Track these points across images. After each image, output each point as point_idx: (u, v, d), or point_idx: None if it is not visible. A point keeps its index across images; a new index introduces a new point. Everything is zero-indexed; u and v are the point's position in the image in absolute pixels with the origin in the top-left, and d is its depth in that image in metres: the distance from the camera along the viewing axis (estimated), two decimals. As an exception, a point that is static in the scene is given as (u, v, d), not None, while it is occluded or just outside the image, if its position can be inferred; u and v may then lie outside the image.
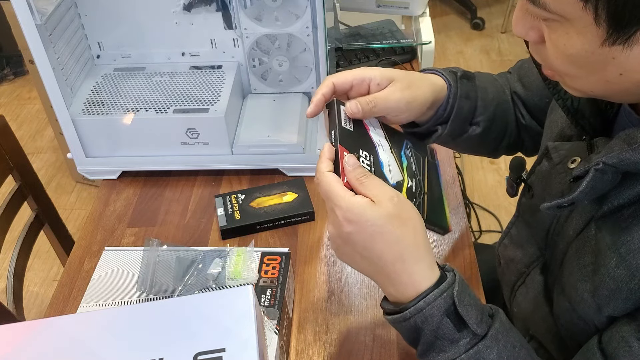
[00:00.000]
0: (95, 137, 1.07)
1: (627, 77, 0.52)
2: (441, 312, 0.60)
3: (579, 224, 0.64)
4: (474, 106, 0.83)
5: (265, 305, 0.79)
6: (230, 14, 1.07)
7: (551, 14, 0.51)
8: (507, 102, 0.89)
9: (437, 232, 0.74)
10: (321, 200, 1.04)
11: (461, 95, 0.79)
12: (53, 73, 0.97)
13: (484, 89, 0.84)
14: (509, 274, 0.81)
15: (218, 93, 1.07)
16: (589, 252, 0.62)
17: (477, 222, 1.99)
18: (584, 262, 0.62)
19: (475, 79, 0.83)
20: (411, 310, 0.60)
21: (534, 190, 0.75)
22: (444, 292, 0.60)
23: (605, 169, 0.55)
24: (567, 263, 0.66)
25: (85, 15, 1.09)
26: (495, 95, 0.86)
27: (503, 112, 0.87)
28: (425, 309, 0.60)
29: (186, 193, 1.08)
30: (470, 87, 0.81)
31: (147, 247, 0.90)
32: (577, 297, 0.63)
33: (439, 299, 0.60)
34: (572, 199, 0.57)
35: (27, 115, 2.68)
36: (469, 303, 0.60)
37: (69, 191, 2.29)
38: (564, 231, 0.68)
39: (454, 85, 0.79)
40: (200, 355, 0.59)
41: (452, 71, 0.82)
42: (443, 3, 3.26)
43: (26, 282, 1.49)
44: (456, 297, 0.59)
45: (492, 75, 0.91)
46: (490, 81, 0.88)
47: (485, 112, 0.84)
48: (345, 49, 1.35)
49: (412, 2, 1.26)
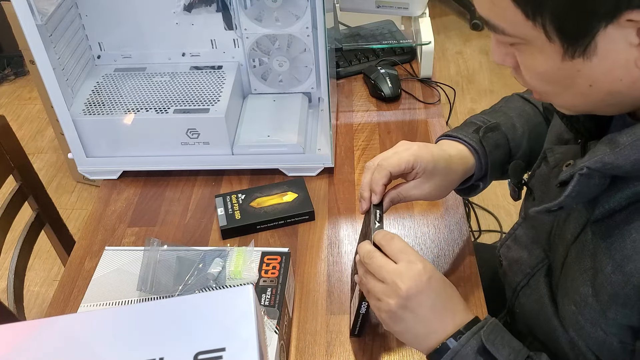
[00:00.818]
0: (95, 137, 1.07)
1: (598, 88, 0.54)
2: (474, 351, 0.64)
3: (576, 228, 0.65)
4: (507, 150, 0.86)
5: (266, 304, 0.79)
6: (231, 15, 1.07)
7: (513, 37, 0.54)
8: (541, 123, 0.90)
9: None
10: (321, 200, 1.04)
11: (490, 151, 0.83)
12: (54, 73, 0.98)
13: (511, 127, 0.87)
14: (512, 275, 0.81)
15: (218, 93, 1.07)
16: (587, 256, 0.62)
17: (476, 222, 2.00)
18: (585, 267, 0.63)
19: (499, 126, 0.85)
20: (449, 354, 0.65)
21: (535, 194, 0.75)
22: (475, 333, 0.65)
23: (591, 174, 0.55)
24: (569, 267, 0.67)
25: (86, 15, 1.09)
26: (525, 127, 0.87)
27: (539, 134, 0.88)
28: (460, 350, 0.65)
29: (186, 193, 1.08)
30: (497, 136, 0.84)
31: (147, 247, 0.90)
32: (581, 302, 0.63)
33: (471, 339, 0.64)
34: (559, 203, 0.58)
35: (28, 115, 2.68)
36: (500, 342, 0.64)
37: (70, 191, 2.29)
38: (563, 234, 0.68)
39: (479, 149, 0.82)
40: (201, 355, 0.59)
41: (475, 130, 0.84)
42: (442, 3, 3.26)
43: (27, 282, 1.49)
44: (484, 337, 0.64)
45: (519, 102, 0.92)
46: (517, 113, 0.89)
47: (520, 148, 0.87)
48: (345, 49, 1.36)
49: (411, 2, 1.26)
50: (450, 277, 0.89)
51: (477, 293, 0.87)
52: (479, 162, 0.83)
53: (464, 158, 0.82)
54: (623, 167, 0.54)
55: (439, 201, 1.01)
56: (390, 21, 1.43)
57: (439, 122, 1.20)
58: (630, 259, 0.56)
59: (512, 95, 0.96)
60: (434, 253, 0.93)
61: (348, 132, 1.18)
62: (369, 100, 1.27)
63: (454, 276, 0.90)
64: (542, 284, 0.75)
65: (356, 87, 1.31)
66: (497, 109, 0.91)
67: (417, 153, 0.78)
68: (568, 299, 0.66)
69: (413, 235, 0.97)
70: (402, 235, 0.97)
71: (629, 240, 0.56)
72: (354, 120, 1.21)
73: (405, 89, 1.28)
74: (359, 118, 1.22)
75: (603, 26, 0.48)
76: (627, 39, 0.49)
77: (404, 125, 1.19)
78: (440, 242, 0.95)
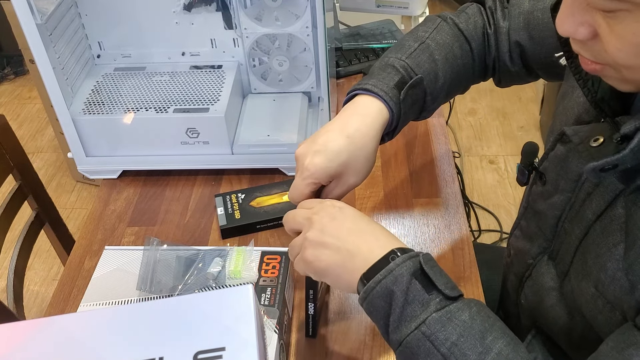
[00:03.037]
0: (95, 136, 1.07)
1: None
2: (410, 273, 0.61)
3: (600, 204, 0.63)
4: (422, 104, 0.81)
5: (265, 304, 0.79)
6: (231, 14, 1.07)
7: (621, 2, 0.49)
8: (466, 64, 0.84)
9: None
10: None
11: (406, 111, 0.78)
12: (53, 72, 0.98)
13: (434, 78, 0.80)
14: (517, 266, 0.81)
15: (218, 93, 1.07)
16: (617, 231, 0.61)
17: (476, 222, 2.00)
18: (613, 242, 0.61)
19: (422, 82, 0.79)
20: (382, 272, 0.61)
21: (547, 177, 0.73)
22: (412, 257, 0.62)
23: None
24: (589, 247, 0.65)
25: (86, 15, 1.09)
26: (447, 76, 0.82)
27: (458, 76, 0.84)
28: (395, 269, 0.61)
29: (186, 192, 1.08)
30: (416, 93, 0.79)
31: (147, 246, 0.90)
32: (606, 279, 0.62)
33: (407, 261, 0.62)
34: (620, 158, 0.55)
35: (28, 114, 2.68)
36: (438, 271, 0.62)
37: (69, 190, 2.29)
38: (580, 216, 0.67)
39: (396, 111, 0.76)
40: (201, 354, 0.59)
41: (396, 84, 0.76)
42: (442, 3, 3.26)
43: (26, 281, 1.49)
44: (422, 259, 0.62)
45: (448, 35, 0.84)
46: (443, 55, 0.82)
47: (435, 101, 0.82)
48: (345, 48, 1.36)
49: (411, 2, 1.26)
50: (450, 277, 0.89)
51: (477, 293, 0.87)
52: (391, 122, 0.77)
53: (382, 119, 0.75)
54: None
55: (439, 201, 1.02)
56: (390, 21, 1.43)
57: (438, 121, 1.20)
58: None
59: (442, 20, 0.86)
60: (434, 253, 0.93)
61: (348, 132, 1.18)
62: (369, 99, 1.27)
63: (454, 276, 0.90)
64: (543, 274, 0.75)
65: (356, 87, 1.31)
66: (423, 42, 0.82)
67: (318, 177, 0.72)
68: (587, 282, 0.65)
69: (413, 235, 0.97)
70: (402, 235, 0.97)
71: None
72: (354, 119, 1.21)
73: (405, 88, 1.28)
74: (358, 118, 1.22)
75: None
76: None
77: (404, 125, 1.19)
78: (440, 242, 0.95)
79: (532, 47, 0.83)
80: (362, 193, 1.05)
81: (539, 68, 0.86)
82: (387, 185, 1.05)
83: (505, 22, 0.85)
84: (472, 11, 0.87)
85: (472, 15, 0.86)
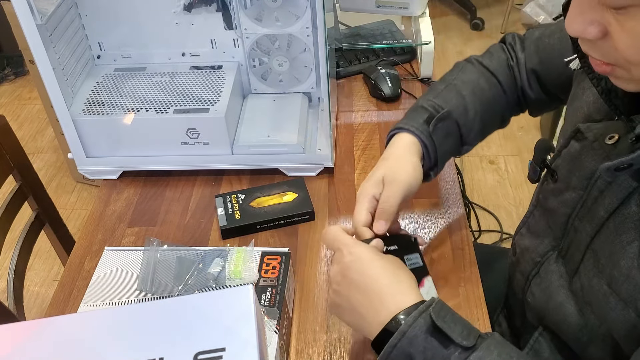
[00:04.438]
0: (95, 137, 1.07)
1: None
2: (423, 332, 0.61)
3: (613, 202, 0.63)
4: (458, 136, 0.87)
5: (266, 304, 0.79)
6: (231, 14, 1.07)
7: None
8: (495, 95, 0.90)
9: None
10: (321, 200, 1.04)
11: (440, 143, 0.84)
12: (53, 73, 0.98)
13: (464, 111, 0.87)
14: (523, 263, 0.81)
15: (218, 93, 1.07)
16: (631, 229, 0.61)
17: (476, 222, 2.00)
18: (627, 239, 0.61)
19: (451, 114, 0.85)
20: (396, 335, 0.61)
21: (559, 174, 0.74)
22: (422, 312, 0.62)
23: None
24: (602, 245, 0.65)
25: (86, 15, 1.09)
26: (478, 107, 0.88)
27: (492, 108, 0.89)
28: (408, 331, 0.61)
29: (186, 193, 1.08)
30: (447, 125, 0.85)
31: (147, 246, 0.90)
32: (620, 277, 0.62)
33: (419, 319, 0.61)
34: (635, 157, 0.56)
35: (28, 115, 2.68)
36: (451, 320, 0.61)
37: (70, 191, 2.29)
38: (592, 214, 0.67)
39: (429, 144, 0.83)
40: (201, 355, 0.59)
41: (425, 120, 0.84)
42: (443, 3, 3.26)
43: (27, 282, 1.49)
44: (433, 314, 0.61)
45: (473, 74, 0.91)
46: (470, 90, 0.89)
47: (472, 131, 0.87)
48: (345, 49, 1.36)
49: (411, 2, 1.26)
50: (450, 277, 0.89)
51: (477, 293, 0.87)
52: (427, 155, 0.84)
53: (415, 148, 0.83)
54: None
55: (439, 201, 1.02)
56: (390, 21, 1.43)
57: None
58: None
59: (467, 62, 0.94)
60: (434, 253, 0.93)
61: (348, 132, 1.18)
62: (369, 100, 1.27)
63: (454, 276, 0.90)
64: (551, 272, 0.75)
65: (356, 87, 1.31)
66: (450, 83, 0.90)
67: (369, 188, 0.80)
68: (599, 279, 0.65)
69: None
70: (402, 235, 0.97)
71: None
72: (354, 120, 1.21)
73: (406, 89, 1.28)
74: (359, 118, 1.22)
75: None
76: None
77: (404, 125, 1.19)
78: (440, 242, 0.95)
79: (544, 71, 0.88)
80: (362, 193, 1.05)
81: (558, 91, 0.89)
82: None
83: (522, 54, 0.91)
84: (494, 49, 0.95)
85: (495, 52, 0.93)
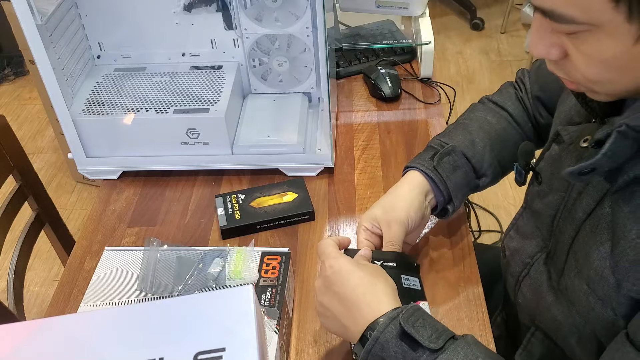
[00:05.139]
0: (95, 137, 1.07)
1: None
2: (394, 337, 0.64)
3: (590, 204, 0.65)
4: (470, 168, 0.88)
5: (266, 304, 0.79)
6: (231, 15, 1.07)
7: (580, 25, 0.52)
8: (506, 127, 0.93)
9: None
10: (321, 200, 1.04)
11: (447, 175, 0.86)
12: (53, 73, 0.98)
13: (470, 144, 0.89)
14: (514, 265, 0.82)
15: (218, 93, 1.07)
16: (604, 229, 0.62)
17: (476, 222, 1.99)
18: (601, 239, 0.63)
19: (455, 149, 0.88)
20: (370, 342, 0.65)
21: (543, 176, 0.76)
22: (393, 319, 0.65)
23: (627, 132, 0.55)
24: (581, 246, 0.66)
25: (86, 15, 1.09)
26: (485, 140, 0.90)
27: (504, 141, 0.91)
28: (380, 336, 0.65)
29: (186, 193, 1.08)
30: (454, 159, 0.87)
31: (147, 247, 0.90)
32: (595, 277, 0.63)
33: (390, 325, 0.65)
34: (594, 162, 0.57)
35: (28, 115, 2.68)
36: (421, 325, 0.64)
37: (70, 191, 2.29)
38: (572, 215, 0.68)
39: (435, 177, 0.86)
40: (201, 355, 0.59)
41: (431, 156, 0.87)
42: (443, 3, 3.26)
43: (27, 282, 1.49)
44: (402, 320, 0.64)
45: (481, 111, 0.95)
46: (477, 126, 0.92)
47: (484, 162, 0.89)
48: (345, 49, 1.36)
49: (411, 2, 1.26)
50: (450, 277, 0.89)
51: (477, 293, 0.87)
52: (437, 188, 0.86)
53: (422, 184, 0.86)
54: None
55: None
56: (390, 21, 1.43)
57: (439, 122, 1.20)
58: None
59: (478, 103, 0.99)
60: (434, 253, 0.93)
61: (348, 132, 1.18)
62: (369, 100, 1.27)
63: (454, 276, 0.90)
64: (540, 273, 0.76)
65: (356, 87, 1.31)
66: (459, 123, 0.94)
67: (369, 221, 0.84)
68: (580, 279, 0.66)
69: (413, 235, 0.97)
70: (402, 235, 0.97)
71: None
72: (354, 120, 1.21)
73: (406, 89, 1.28)
74: (359, 118, 1.22)
75: None
76: None
77: (404, 125, 1.19)
78: (440, 242, 0.95)
79: (546, 96, 0.91)
80: (362, 193, 1.05)
81: None
82: (387, 185, 1.05)
83: (528, 85, 0.94)
84: (505, 86, 0.99)
85: (504, 89, 0.97)
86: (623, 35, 0.51)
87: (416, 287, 0.79)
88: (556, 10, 0.52)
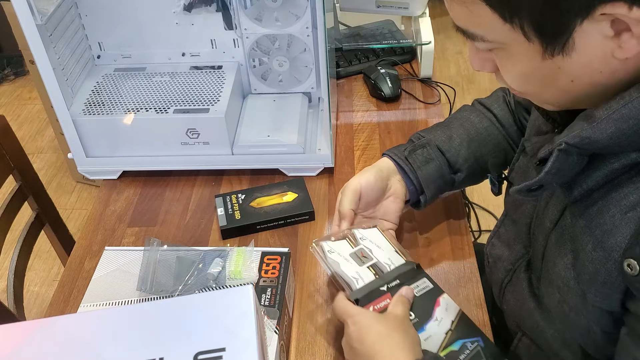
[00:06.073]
0: (95, 137, 1.07)
1: (579, 82, 0.55)
2: None
3: (554, 214, 0.66)
4: (444, 162, 0.89)
5: (266, 304, 0.79)
6: (231, 15, 1.07)
7: (491, 43, 0.55)
8: (488, 127, 0.93)
9: None
10: (321, 200, 1.04)
11: (419, 166, 0.88)
12: (53, 73, 0.98)
13: (447, 139, 0.91)
14: (497, 272, 0.83)
15: (218, 93, 1.07)
16: (567, 240, 0.63)
17: (476, 222, 1.99)
18: (565, 250, 0.64)
19: (430, 142, 0.90)
20: None
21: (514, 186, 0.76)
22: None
23: (569, 149, 0.56)
24: (549, 255, 0.67)
25: (86, 15, 1.09)
26: (463, 136, 0.91)
27: (484, 140, 0.92)
28: None
29: (186, 193, 1.08)
30: (427, 152, 0.89)
31: (147, 247, 0.90)
32: (564, 287, 0.64)
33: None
34: (538, 180, 0.59)
35: (28, 115, 2.68)
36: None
37: (70, 191, 2.29)
38: (542, 223, 0.69)
39: (404, 164, 0.88)
40: (201, 355, 0.59)
41: (406, 147, 0.90)
42: (442, 3, 3.25)
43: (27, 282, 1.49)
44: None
45: (466, 111, 0.96)
46: (459, 124, 0.93)
47: (459, 157, 0.90)
48: (345, 49, 1.36)
49: (411, 2, 1.26)
50: (450, 277, 0.89)
51: (477, 293, 0.87)
52: (407, 178, 0.88)
53: (388, 170, 0.89)
54: (600, 142, 0.54)
55: (439, 201, 1.01)
56: (390, 21, 1.43)
57: (439, 122, 1.20)
58: (610, 234, 0.56)
59: (467, 105, 1.00)
60: (435, 253, 0.93)
61: (348, 132, 1.18)
62: (369, 100, 1.27)
63: (454, 276, 0.90)
64: (522, 279, 0.77)
65: (356, 87, 1.31)
66: (444, 121, 0.97)
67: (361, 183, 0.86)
68: (552, 288, 0.67)
69: (413, 236, 0.97)
70: (402, 236, 0.97)
71: (607, 216, 0.57)
72: (354, 120, 1.21)
73: (406, 88, 1.28)
74: (359, 118, 1.22)
75: (579, 22, 0.50)
76: (603, 32, 0.50)
77: (404, 125, 1.19)
78: (440, 242, 0.95)
79: (525, 102, 0.93)
80: (362, 193, 1.05)
81: None
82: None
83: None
84: (496, 89, 1.00)
85: (495, 92, 1.00)
86: (530, 52, 0.53)
87: (429, 286, 0.78)
88: (468, 30, 0.56)
